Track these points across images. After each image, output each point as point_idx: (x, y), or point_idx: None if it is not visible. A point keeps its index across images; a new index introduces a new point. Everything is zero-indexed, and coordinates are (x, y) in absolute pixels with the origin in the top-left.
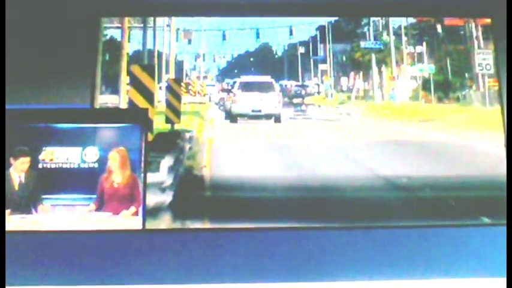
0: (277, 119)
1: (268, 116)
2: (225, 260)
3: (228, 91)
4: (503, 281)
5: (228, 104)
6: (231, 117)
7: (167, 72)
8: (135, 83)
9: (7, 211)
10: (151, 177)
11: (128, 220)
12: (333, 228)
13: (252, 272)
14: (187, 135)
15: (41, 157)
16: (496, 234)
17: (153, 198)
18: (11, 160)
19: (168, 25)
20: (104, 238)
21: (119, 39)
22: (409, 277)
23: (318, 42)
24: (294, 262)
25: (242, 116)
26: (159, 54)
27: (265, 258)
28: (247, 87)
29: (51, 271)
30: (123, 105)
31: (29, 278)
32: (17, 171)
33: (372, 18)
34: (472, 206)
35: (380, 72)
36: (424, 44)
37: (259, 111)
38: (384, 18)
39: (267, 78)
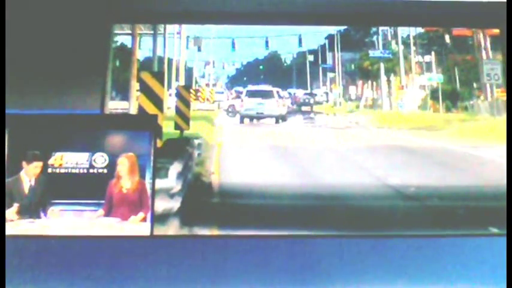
0: (277, 120)
1: (269, 117)
2: (232, 267)
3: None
4: None
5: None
6: (240, 118)
7: (177, 79)
8: (145, 89)
9: (14, 212)
10: (160, 184)
11: (136, 226)
12: (340, 236)
13: (259, 279)
14: (196, 141)
15: (50, 162)
16: (504, 244)
17: (162, 205)
18: (24, 164)
19: (178, 32)
20: (112, 244)
21: (129, 45)
22: (416, 286)
23: (327, 51)
24: (301, 270)
25: (248, 116)
26: (169, 61)
27: (272, 265)
28: (252, 94)
29: (59, 276)
30: (133, 111)
31: (35, 282)
32: (29, 175)
33: (380, 28)
34: (480, 216)
35: (388, 81)
36: (433, 53)
37: (262, 113)
38: (392, 27)
39: (268, 87)
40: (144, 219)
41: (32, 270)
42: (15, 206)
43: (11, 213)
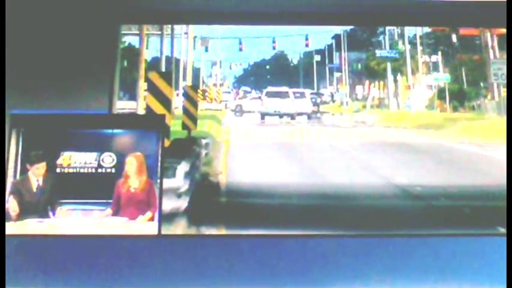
0: (293, 118)
1: (285, 115)
2: (239, 267)
3: (259, 98)
4: None
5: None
6: (261, 115)
7: (184, 79)
8: (152, 89)
9: (22, 211)
10: (168, 183)
11: (144, 225)
12: (347, 236)
13: (267, 278)
14: (204, 141)
15: (58, 162)
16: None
17: (169, 204)
18: (27, 166)
19: (185, 33)
20: (119, 243)
21: (137, 46)
22: (422, 286)
23: (334, 51)
24: (309, 269)
25: (267, 114)
26: (177, 61)
27: (279, 265)
28: (270, 94)
29: (67, 275)
30: (141, 111)
31: (44, 281)
32: (35, 175)
33: (387, 28)
34: (488, 216)
35: (395, 81)
36: (440, 53)
37: (279, 111)
38: (399, 27)
39: (285, 89)
40: (152, 219)
41: (41, 270)
42: (24, 205)
43: (19, 212)
